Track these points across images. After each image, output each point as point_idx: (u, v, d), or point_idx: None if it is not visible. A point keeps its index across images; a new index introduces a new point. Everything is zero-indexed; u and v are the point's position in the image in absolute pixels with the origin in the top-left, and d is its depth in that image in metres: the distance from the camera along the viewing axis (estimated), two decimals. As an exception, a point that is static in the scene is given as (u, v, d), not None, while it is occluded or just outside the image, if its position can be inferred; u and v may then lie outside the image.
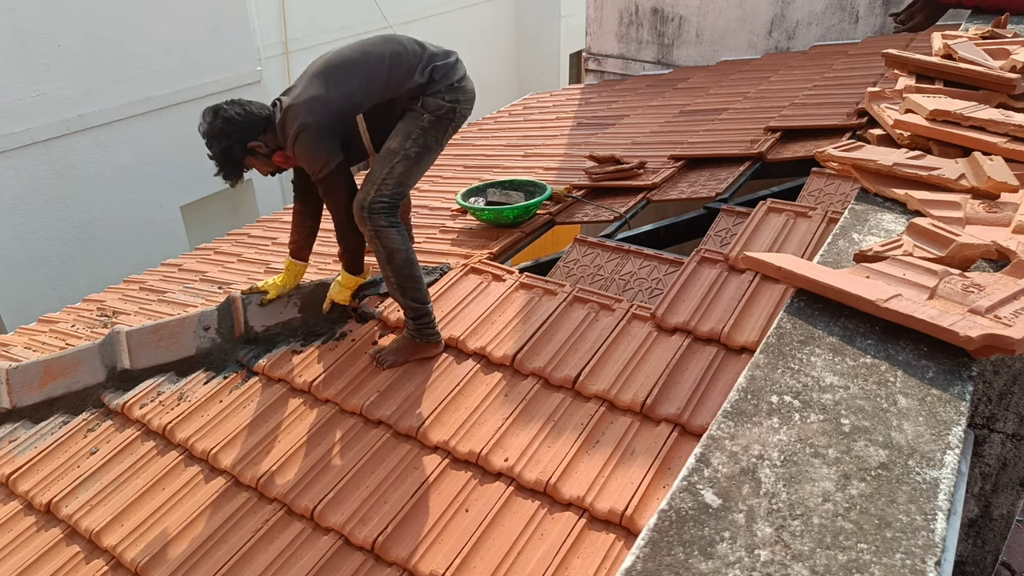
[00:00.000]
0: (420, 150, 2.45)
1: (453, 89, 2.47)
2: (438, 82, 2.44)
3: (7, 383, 2.73)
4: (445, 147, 2.62)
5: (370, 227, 2.43)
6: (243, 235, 4.68)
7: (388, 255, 2.43)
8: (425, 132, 2.45)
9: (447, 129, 2.51)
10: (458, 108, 2.49)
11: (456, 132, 2.59)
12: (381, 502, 2.03)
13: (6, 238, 6.48)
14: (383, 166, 2.43)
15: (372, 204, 2.41)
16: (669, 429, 2.02)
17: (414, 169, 2.48)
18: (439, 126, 2.47)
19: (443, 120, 2.47)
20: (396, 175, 2.43)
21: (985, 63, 2.45)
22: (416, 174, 2.51)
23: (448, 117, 2.48)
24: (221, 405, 2.49)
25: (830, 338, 1.27)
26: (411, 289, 2.45)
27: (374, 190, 2.42)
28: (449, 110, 2.46)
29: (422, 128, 2.44)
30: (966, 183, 1.75)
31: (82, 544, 2.20)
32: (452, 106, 2.47)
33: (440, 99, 2.44)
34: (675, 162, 3.76)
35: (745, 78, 5.22)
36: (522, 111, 6.15)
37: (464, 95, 2.52)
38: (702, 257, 2.63)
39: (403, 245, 2.45)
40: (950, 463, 1.01)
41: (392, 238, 2.43)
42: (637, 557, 0.89)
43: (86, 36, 6.67)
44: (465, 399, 2.29)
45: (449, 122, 2.50)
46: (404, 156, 2.43)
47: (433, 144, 2.50)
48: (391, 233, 2.43)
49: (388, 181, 2.42)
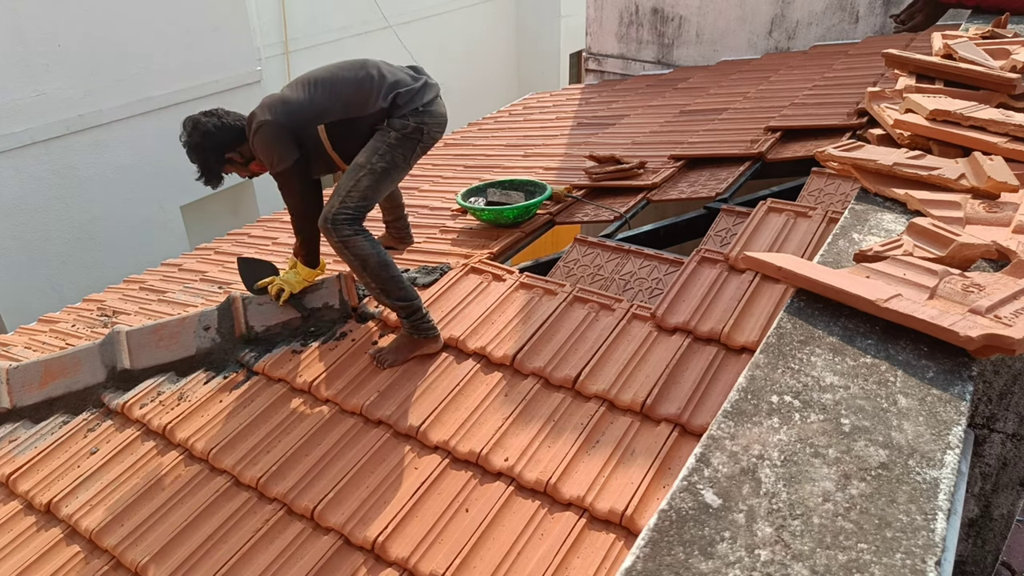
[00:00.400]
0: (387, 166, 2.51)
1: (418, 113, 2.54)
2: (402, 107, 2.52)
3: (7, 383, 2.73)
4: (413, 167, 2.71)
5: (336, 238, 2.46)
6: (243, 235, 4.68)
7: (361, 262, 2.46)
8: (392, 149, 2.52)
9: (415, 148, 2.58)
10: (425, 129, 2.56)
11: (425, 152, 2.66)
12: (381, 502, 2.03)
13: (6, 238, 6.48)
14: (349, 180, 2.50)
15: (336, 216, 2.46)
16: (669, 429, 2.02)
17: (380, 184, 2.53)
18: (406, 144, 2.54)
19: (410, 139, 2.54)
20: (361, 188, 2.48)
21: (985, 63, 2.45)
22: (382, 189, 2.56)
23: (415, 137, 2.55)
24: (221, 405, 2.49)
25: (830, 338, 1.27)
26: (394, 289, 2.46)
27: (338, 202, 2.47)
28: (415, 130, 2.54)
29: (389, 145, 2.51)
30: (966, 183, 1.75)
31: (82, 544, 2.20)
32: (419, 127, 2.54)
33: (405, 120, 2.52)
34: (675, 162, 3.76)
35: (745, 78, 5.22)
36: (522, 111, 6.15)
37: (432, 118, 2.58)
38: (702, 257, 2.63)
39: (373, 249, 2.47)
40: (950, 463, 1.01)
41: (360, 245, 2.46)
42: (637, 557, 0.89)
43: (86, 36, 6.67)
44: (465, 399, 2.29)
45: (416, 141, 2.57)
46: (370, 170, 2.49)
47: (400, 161, 2.56)
48: (358, 240, 2.46)
49: (353, 194, 2.48)
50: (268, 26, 8.97)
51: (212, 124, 2.56)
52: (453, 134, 5.84)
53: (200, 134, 2.55)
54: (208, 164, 2.60)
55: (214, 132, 2.55)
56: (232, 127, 2.59)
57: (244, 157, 2.65)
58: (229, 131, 2.58)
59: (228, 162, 2.64)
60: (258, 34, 8.69)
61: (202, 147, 2.56)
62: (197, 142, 2.56)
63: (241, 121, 2.61)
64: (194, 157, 2.58)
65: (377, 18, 10.22)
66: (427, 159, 5.06)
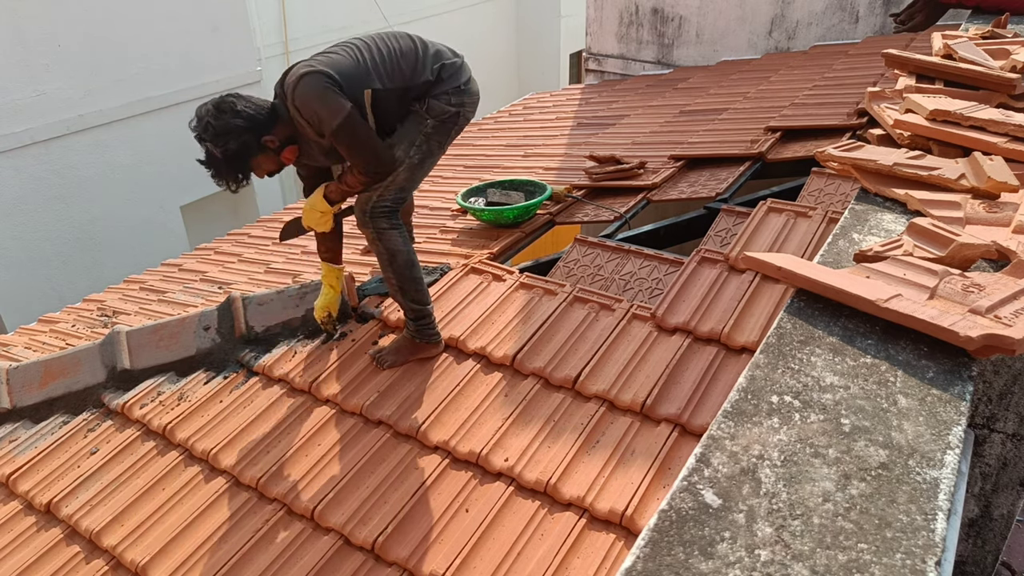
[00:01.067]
0: (423, 156, 2.44)
1: (459, 92, 2.45)
2: (446, 82, 2.41)
3: (7, 383, 2.73)
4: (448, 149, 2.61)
5: (372, 230, 2.43)
6: (243, 235, 4.68)
7: (390, 256, 2.44)
8: (428, 138, 2.44)
9: (450, 133, 2.50)
10: (462, 112, 2.48)
11: (458, 135, 2.57)
12: (381, 502, 2.03)
13: (6, 238, 6.48)
14: None
15: (374, 208, 2.41)
16: (669, 429, 2.02)
17: (416, 174, 2.47)
18: (442, 130, 2.46)
19: (446, 124, 2.46)
20: (400, 180, 2.42)
21: (985, 63, 2.45)
22: (418, 179, 2.51)
23: (452, 121, 2.46)
24: (221, 405, 2.49)
25: (830, 338, 1.27)
26: (412, 290, 2.45)
27: (376, 195, 2.41)
28: (453, 115, 2.45)
29: (425, 135, 2.43)
30: (966, 183, 1.75)
31: (82, 544, 2.20)
32: (457, 110, 2.45)
33: (445, 102, 2.42)
34: (675, 162, 3.76)
35: (745, 78, 5.22)
36: (522, 111, 6.15)
37: (470, 97, 2.50)
38: (702, 257, 2.63)
39: (404, 247, 2.45)
40: (950, 463, 1.01)
41: (394, 240, 2.43)
42: (637, 557, 0.89)
43: (86, 36, 6.67)
44: (465, 399, 2.29)
45: (452, 126, 2.48)
46: (408, 164, 2.42)
47: (436, 148, 2.49)
48: (393, 235, 2.43)
49: (391, 186, 2.42)
50: (268, 26, 8.98)
51: (243, 105, 2.18)
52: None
53: (233, 114, 2.16)
54: (243, 152, 2.20)
55: (251, 112, 2.19)
56: (263, 107, 2.24)
57: (279, 141, 2.28)
58: (262, 110, 2.23)
59: (263, 149, 2.25)
60: (258, 34, 8.69)
61: (239, 131, 2.16)
62: (232, 126, 2.15)
63: (266, 102, 2.28)
64: (228, 143, 2.16)
65: (377, 18, 10.23)
66: (427, 159, 5.05)
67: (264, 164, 2.33)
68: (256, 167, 2.33)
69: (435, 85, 2.41)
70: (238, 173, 2.25)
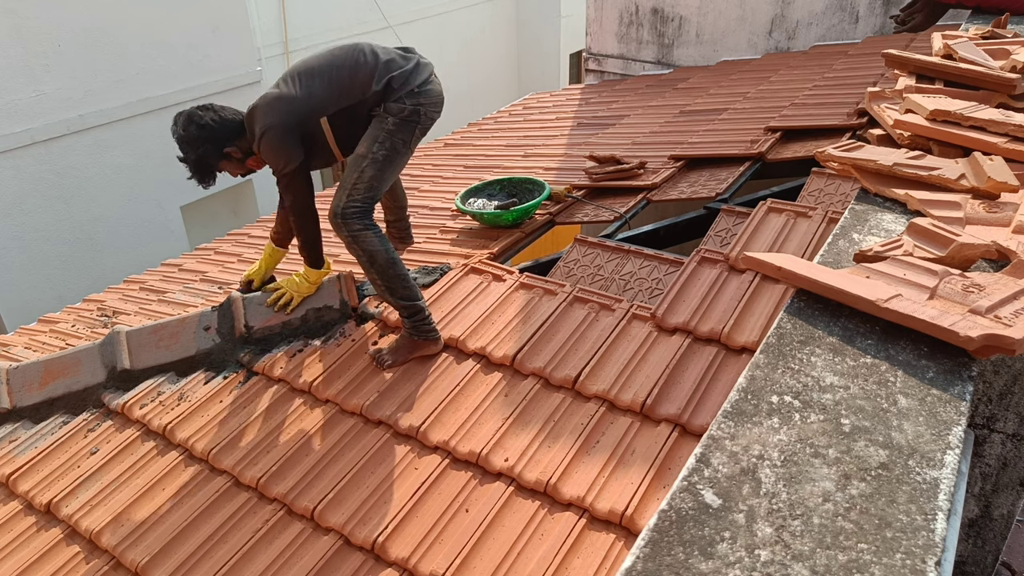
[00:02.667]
0: (388, 153, 2.48)
1: (414, 94, 2.49)
2: (397, 90, 2.47)
3: (7, 383, 2.73)
4: (415, 150, 2.66)
5: (346, 233, 2.45)
6: (243, 235, 4.68)
7: (369, 257, 2.45)
8: (391, 135, 2.48)
9: (414, 131, 2.53)
10: (422, 110, 2.51)
11: (424, 134, 2.61)
12: (381, 502, 2.02)
13: (6, 238, 6.48)
14: (352, 171, 2.47)
15: (344, 210, 2.44)
16: (669, 429, 2.02)
17: (384, 173, 2.50)
18: (405, 128, 2.50)
19: (408, 122, 2.49)
20: (366, 179, 2.46)
21: (985, 63, 2.45)
22: (387, 177, 2.53)
23: (413, 119, 2.50)
24: (221, 405, 2.49)
25: (830, 338, 1.27)
26: (399, 288, 2.46)
27: (345, 196, 2.45)
28: (412, 112, 2.49)
29: (388, 131, 2.47)
30: (966, 183, 1.75)
31: (82, 544, 2.20)
32: (416, 108, 2.49)
33: (401, 103, 2.47)
34: (675, 162, 3.76)
35: (745, 78, 5.22)
36: (522, 111, 6.15)
37: (428, 98, 2.53)
38: (702, 257, 2.63)
39: (382, 246, 2.46)
40: (950, 463, 1.01)
41: (369, 240, 2.45)
42: (637, 557, 0.89)
43: (86, 36, 6.68)
44: (465, 399, 2.29)
45: (415, 124, 2.51)
46: (372, 160, 2.45)
47: (401, 147, 2.52)
48: (367, 236, 2.45)
49: (359, 186, 2.45)
50: (268, 26, 8.98)
51: (210, 118, 2.47)
52: (453, 134, 5.84)
53: (197, 127, 2.45)
54: (204, 160, 2.50)
55: (213, 126, 2.47)
56: (230, 120, 2.51)
57: (243, 152, 2.56)
58: (227, 124, 2.50)
59: (226, 158, 2.55)
60: (258, 34, 8.69)
61: (199, 141, 2.46)
62: (195, 135, 2.45)
63: (238, 115, 2.54)
64: (189, 152, 2.48)
65: (377, 18, 10.23)
66: (427, 159, 5.06)
67: (229, 169, 2.63)
68: (223, 170, 2.63)
69: (387, 94, 2.47)
70: (202, 175, 2.56)
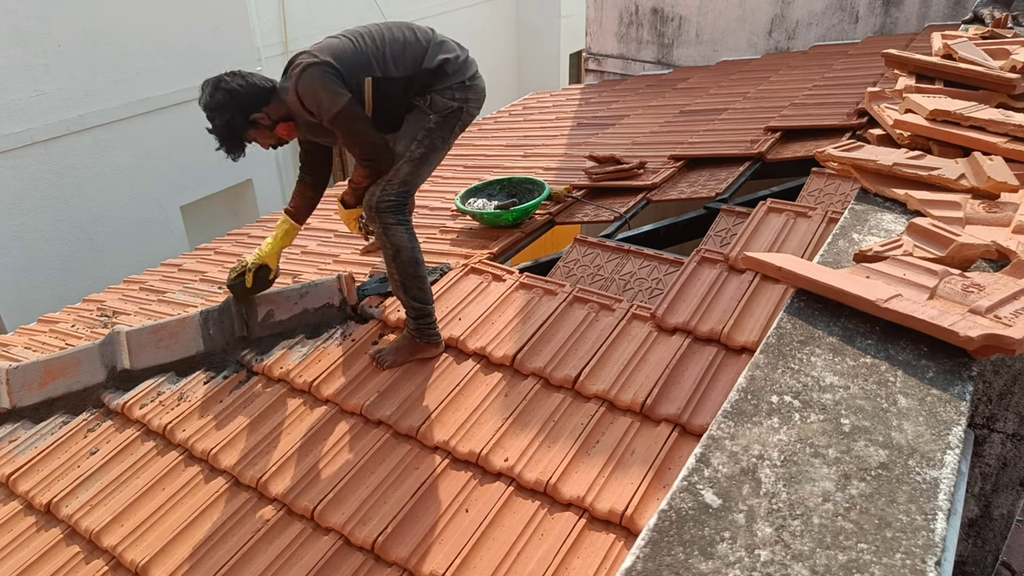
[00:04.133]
0: (425, 151, 2.44)
1: (463, 87, 2.45)
2: (449, 76, 2.42)
3: (7, 383, 2.73)
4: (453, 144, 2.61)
5: (379, 224, 2.44)
6: (243, 235, 4.68)
7: (394, 252, 2.44)
8: (431, 133, 2.44)
9: (454, 128, 2.49)
10: (466, 107, 2.48)
11: (463, 130, 2.57)
12: (381, 502, 2.03)
13: (6, 238, 6.48)
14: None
15: (379, 203, 2.42)
16: (669, 429, 2.02)
17: (420, 169, 2.47)
18: (445, 126, 2.46)
19: (449, 120, 2.46)
20: (401, 175, 2.43)
21: (985, 63, 2.45)
22: (423, 173, 2.50)
23: (455, 117, 2.46)
24: (221, 405, 2.49)
25: (830, 338, 1.27)
26: (414, 288, 2.45)
27: (379, 190, 2.43)
28: (456, 110, 2.45)
29: (427, 129, 2.43)
30: (966, 183, 1.75)
31: (82, 544, 2.20)
32: (460, 105, 2.45)
33: (449, 97, 2.42)
34: (675, 162, 3.76)
35: (745, 78, 5.22)
36: (522, 111, 6.15)
37: (474, 93, 2.49)
38: (702, 257, 2.63)
39: (409, 244, 2.45)
40: (950, 463, 1.01)
41: (399, 236, 2.43)
42: (637, 557, 0.89)
43: (86, 36, 6.67)
44: (465, 399, 2.29)
45: (456, 121, 2.48)
46: (409, 159, 2.42)
47: (439, 144, 2.49)
48: (399, 231, 2.44)
49: (393, 181, 2.43)
50: (268, 26, 8.97)
51: (238, 83, 2.36)
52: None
53: (224, 93, 2.34)
54: (232, 127, 2.37)
55: (240, 90, 2.35)
56: (259, 86, 2.40)
57: (272, 119, 2.43)
58: (254, 90, 2.38)
59: (253, 125, 2.41)
60: (258, 34, 8.68)
61: (225, 107, 2.34)
62: (221, 101, 2.33)
63: (267, 81, 2.44)
64: (216, 119, 2.36)
65: (377, 18, 10.22)
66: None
67: (259, 138, 2.48)
68: (253, 140, 2.48)
69: (438, 79, 2.41)
70: (231, 144, 2.42)
